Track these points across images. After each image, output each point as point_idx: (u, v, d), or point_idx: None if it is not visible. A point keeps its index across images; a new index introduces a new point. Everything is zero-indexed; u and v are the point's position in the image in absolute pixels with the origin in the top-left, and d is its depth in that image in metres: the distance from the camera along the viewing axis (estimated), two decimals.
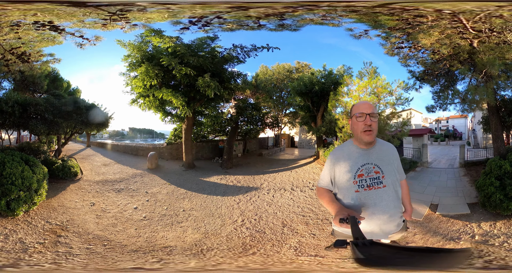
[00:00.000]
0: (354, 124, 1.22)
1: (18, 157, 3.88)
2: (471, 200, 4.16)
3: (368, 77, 5.43)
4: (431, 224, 3.51)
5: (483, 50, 4.65)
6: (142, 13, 4.28)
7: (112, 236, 3.15)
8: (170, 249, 2.79)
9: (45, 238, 2.96)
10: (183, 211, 4.06)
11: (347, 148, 1.27)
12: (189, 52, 5.83)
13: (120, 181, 5.73)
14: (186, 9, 4.02)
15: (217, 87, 5.85)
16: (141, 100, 6.84)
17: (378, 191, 1.18)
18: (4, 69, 5.66)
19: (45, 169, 4.19)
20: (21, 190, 3.43)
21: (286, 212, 3.98)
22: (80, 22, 4.36)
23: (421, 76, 5.86)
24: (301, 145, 15.80)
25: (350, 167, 1.20)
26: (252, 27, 4.70)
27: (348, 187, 1.19)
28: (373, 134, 1.19)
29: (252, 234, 3.20)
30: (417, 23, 4.16)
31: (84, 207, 4.07)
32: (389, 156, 1.27)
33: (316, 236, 3.17)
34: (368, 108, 1.19)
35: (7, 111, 5.17)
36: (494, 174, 3.76)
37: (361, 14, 3.98)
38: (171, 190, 5.15)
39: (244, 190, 5.20)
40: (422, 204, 4.12)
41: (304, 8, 3.62)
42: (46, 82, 7.57)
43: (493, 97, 5.34)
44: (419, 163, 6.88)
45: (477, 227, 3.31)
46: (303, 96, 8.45)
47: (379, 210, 1.17)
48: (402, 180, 1.37)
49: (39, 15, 3.86)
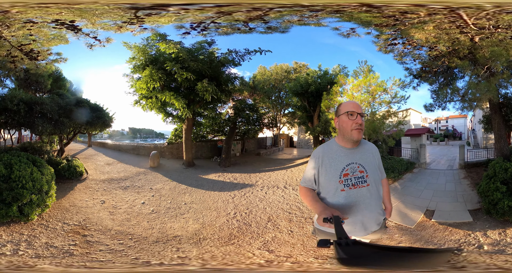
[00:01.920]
0: (343, 122, 1.17)
1: (25, 158, 3.60)
2: (473, 206, 3.59)
3: (363, 76, 5.07)
4: (423, 233, 3.05)
5: (486, 45, 4.22)
6: (158, 17, 4.08)
7: (130, 229, 3.19)
8: (179, 238, 2.97)
9: (73, 239, 2.86)
10: (185, 204, 4.20)
11: (330, 147, 1.23)
12: (190, 57, 5.90)
13: (125, 179, 5.73)
14: (190, 13, 3.82)
15: (214, 91, 5.99)
16: (144, 101, 6.84)
17: (362, 190, 1.17)
18: (10, 66, 5.32)
19: (52, 170, 3.93)
20: (32, 193, 3.12)
21: (274, 208, 4.02)
22: (98, 23, 4.19)
23: (418, 73, 5.44)
24: (299, 145, 15.43)
25: (336, 167, 1.17)
26: (244, 30, 4.49)
27: (334, 186, 1.16)
28: (362, 133, 1.18)
29: (240, 226, 3.31)
30: (407, 19, 3.79)
31: (95, 205, 4.01)
32: (371, 155, 1.26)
33: (293, 233, 3.12)
34: (359, 108, 1.17)
35: (12, 109, 4.77)
36: (499, 178, 3.26)
37: (342, 14, 3.65)
38: (173, 186, 5.25)
39: (240, 186, 5.26)
40: (416, 210, 3.62)
41: (284, 8, 3.36)
42: (49, 81, 7.46)
43: (497, 94, 4.87)
44: (417, 164, 6.37)
45: (482, 236, 2.83)
46: (299, 96, 8.18)
47: (363, 208, 1.17)
48: (383, 179, 1.37)
49: (63, 14, 3.69)
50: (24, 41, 4.73)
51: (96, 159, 8.30)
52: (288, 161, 8.68)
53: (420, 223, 3.34)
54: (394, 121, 5.15)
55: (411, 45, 4.63)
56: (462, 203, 3.83)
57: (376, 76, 4.89)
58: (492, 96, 4.71)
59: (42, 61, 5.79)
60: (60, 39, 4.95)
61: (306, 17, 3.71)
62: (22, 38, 4.60)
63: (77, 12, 3.67)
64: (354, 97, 5.03)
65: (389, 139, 4.73)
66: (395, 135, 4.98)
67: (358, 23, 4.01)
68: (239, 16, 3.83)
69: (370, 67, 5.10)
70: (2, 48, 4.67)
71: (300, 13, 3.59)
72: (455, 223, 3.20)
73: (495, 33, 3.92)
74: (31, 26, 4.10)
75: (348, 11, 3.55)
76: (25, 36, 4.53)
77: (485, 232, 2.90)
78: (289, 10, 3.52)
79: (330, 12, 3.48)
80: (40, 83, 7.22)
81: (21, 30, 4.22)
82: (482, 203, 3.42)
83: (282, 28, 4.22)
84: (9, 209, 2.89)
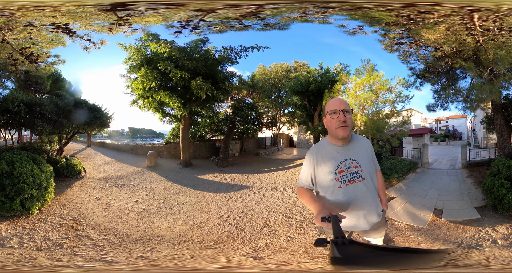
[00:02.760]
0: (328, 121, 1.19)
1: (25, 156, 3.76)
2: (479, 204, 3.65)
3: (366, 75, 4.93)
4: (438, 232, 3.02)
5: (490, 47, 4.14)
6: (142, 17, 4.09)
7: (118, 226, 3.25)
8: (160, 238, 2.92)
9: (66, 233, 2.98)
10: (177, 204, 4.14)
11: (323, 146, 1.24)
12: (184, 56, 5.82)
13: (121, 178, 5.78)
14: (174, 12, 3.75)
15: (209, 89, 5.87)
16: (141, 101, 6.78)
17: (358, 185, 1.19)
18: (12, 68, 5.48)
19: (51, 168, 4.08)
20: (33, 188, 3.32)
21: (272, 212, 3.81)
22: (90, 25, 4.18)
23: (422, 73, 5.32)
24: (299, 145, 15.29)
25: (331, 165, 1.18)
26: (239, 28, 4.38)
27: (331, 184, 1.18)
28: (347, 129, 1.16)
29: (231, 230, 3.16)
30: (421, 19, 3.67)
31: (90, 202, 4.11)
32: (364, 149, 1.26)
33: (293, 239, 2.89)
34: (341, 104, 1.16)
35: (13, 110, 4.97)
36: (503, 175, 3.41)
37: (351, 11, 3.52)
38: (168, 185, 5.20)
39: (236, 188, 5.11)
40: (425, 210, 3.59)
41: (283, 4, 3.23)
42: (49, 82, 7.43)
43: (499, 95, 4.86)
44: (420, 164, 6.26)
45: (492, 231, 2.87)
46: (299, 95, 8.04)
47: (361, 202, 1.18)
48: (377, 172, 1.37)
49: (58, 17, 3.68)
50: (25, 44, 4.71)
51: (95, 159, 8.25)
52: (288, 161, 8.53)
53: (431, 222, 3.28)
54: (397, 121, 5.02)
55: (417, 44, 4.51)
56: (468, 201, 3.84)
57: (381, 74, 4.75)
58: (495, 97, 4.68)
59: (41, 63, 5.77)
60: (58, 43, 4.98)
61: (310, 13, 3.57)
62: (22, 41, 4.59)
63: (68, 15, 3.64)
64: (357, 96, 4.89)
65: (393, 139, 4.60)
66: (399, 135, 4.84)
67: (367, 21, 3.88)
68: (230, 14, 3.71)
69: (373, 66, 4.96)
70: (4, 51, 4.70)
71: (303, 9, 3.44)
72: (464, 221, 3.22)
73: (498, 35, 3.83)
74: (31, 29, 4.11)
75: (364, 9, 3.42)
76: (25, 39, 4.52)
77: (494, 227, 2.94)
78: (290, 7, 3.39)
79: (341, 9, 3.33)
80: (40, 84, 7.20)
81: (22, 33, 4.20)
82: (487, 200, 3.49)
83: (281, 24, 4.09)
84: (12, 203, 3.10)
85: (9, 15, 3.49)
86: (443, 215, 3.41)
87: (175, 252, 2.55)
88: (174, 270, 2.11)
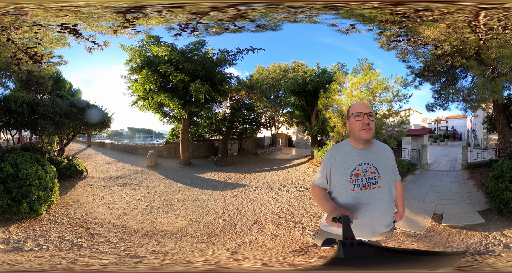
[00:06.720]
0: (352, 123, 1.16)
1: (29, 157, 3.67)
2: (482, 207, 3.36)
3: (362, 74, 4.68)
4: (437, 238, 2.76)
5: (494, 45, 3.87)
6: (146, 20, 3.96)
7: (125, 223, 3.30)
8: (164, 233, 3.01)
9: (78, 232, 2.97)
10: (177, 201, 4.20)
11: (343, 147, 1.20)
12: (183, 59, 5.79)
13: (123, 177, 5.78)
14: (174, 14, 3.61)
15: (208, 91, 5.86)
16: (141, 102, 6.74)
17: (373, 191, 1.13)
18: (15, 68, 5.36)
19: (54, 168, 3.98)
20: (39, 190, 3.22)
21: (264, 210, 3.80)
22: (96, 26, 4.07)
23: (421, 72, 5.05)
24: (298, 145, 15.03)
25: (347, 166, 1.14)
26: (234, 30, 4.20)
27: (344, 186, 1.14)
28: (371, 132, 1.12)
29: (224, 225, 3.20)
30: (419, 17, 3.43)
31: (95, 201, 4.12)
32: (385, 156, 1.20)
33: (277, 237, 2.84)
34: (365, 108, 1.14)
35: (16, 111, 4.89)
36: (507, 178, 3.18)
37: (340, 11, 3.29)
38: (168, 184, 5.25)
39: (233, 186, 5.12)
40: (423, 214, 3.27)
41: (267, 5, 3.02)
42: (50, 83, 7.37)
43: (501, 94, 4.58)
44: (419, 165, 5.95)
45: (500, 236, 2.63)
46: (297, 95, 7.82)
47: (373, 209, 1.12)
48: (397, 181, 1.30)
49: (68, 17, 3.59)
50: (29, 43, 4.62)
51: (96, 159, 8.20)
52: (285, 161, 8.35)
53: (429, 228, 2.99)
54: (395, 121, 4.75)
55: (416, 42, 4.24)
56: (470, 205, 3.53)
57: (377, 73, 4.50)
58: (497, 97, 4.39)
59: (44, 64, 5.70)
60: (63, 43, 4.88)
61: (293, 13, 3.35)
62: (26, 41, 4.49)
63: (79, 15, 3.51)
64: (353, 96, 4.65)
65: (391, 139, 4.34)
66: (397, 135, 4.58)
67: (358, 20, 3.65)
68: (222, 16, 3.54)
69: (370, 65, 4.72)
70: (8, 50, 4.61)
71: (283, 10, 3.23)
72: (467, 226, 2.93)
73: (501, 34, 3.57)
74: (38, 29, 3.99)
75: (348, 7, 3.20)
76: (30, 39, 4.42)
77: (502, 232, 2.69)
78: (270, 8, 3.18)
79: (321, 8, 3.12)
80: (41, 85, 7.13)
81: (28, 32, 4.09)
82: (491, 203, 3.23)
83: (272, 26, 3.90)
84: (20, 206, 2.97)
85: (20, 14, 3.34)
86: (443, 220, 3.11)
87: (178, 246, 2.62)
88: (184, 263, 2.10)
